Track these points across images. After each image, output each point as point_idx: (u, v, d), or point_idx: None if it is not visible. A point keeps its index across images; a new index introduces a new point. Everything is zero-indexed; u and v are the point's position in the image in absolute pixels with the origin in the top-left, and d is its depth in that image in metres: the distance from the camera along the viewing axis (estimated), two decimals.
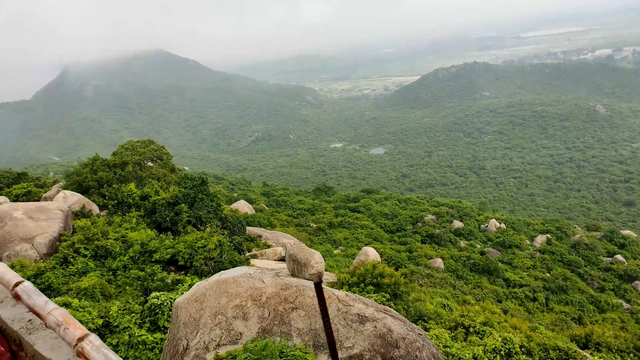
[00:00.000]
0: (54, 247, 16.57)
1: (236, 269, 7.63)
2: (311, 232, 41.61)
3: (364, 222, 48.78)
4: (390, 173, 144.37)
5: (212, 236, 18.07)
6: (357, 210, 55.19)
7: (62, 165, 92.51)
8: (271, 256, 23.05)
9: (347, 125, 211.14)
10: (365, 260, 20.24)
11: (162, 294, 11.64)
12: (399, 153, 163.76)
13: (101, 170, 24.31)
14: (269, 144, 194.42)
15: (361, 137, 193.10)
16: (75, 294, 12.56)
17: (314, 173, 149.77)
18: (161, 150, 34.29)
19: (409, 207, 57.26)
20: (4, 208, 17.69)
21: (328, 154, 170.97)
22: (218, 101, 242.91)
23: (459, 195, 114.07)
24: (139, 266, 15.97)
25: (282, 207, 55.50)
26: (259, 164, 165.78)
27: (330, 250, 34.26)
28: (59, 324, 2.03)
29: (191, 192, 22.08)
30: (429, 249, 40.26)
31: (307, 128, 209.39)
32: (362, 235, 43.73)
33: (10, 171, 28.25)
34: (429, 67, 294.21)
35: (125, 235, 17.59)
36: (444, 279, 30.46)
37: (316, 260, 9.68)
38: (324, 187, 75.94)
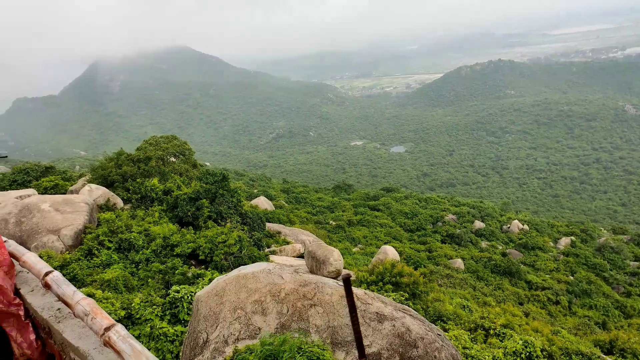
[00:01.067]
0: (79, 239, 17.01)
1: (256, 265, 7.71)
2: (330, 229, 41.66)
3: (383, 221, 48.57)
4: (410, 172, 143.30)
5: (232, 232, 18.27)
6: (377, 208, 54.99)
7: (88, 160, 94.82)
8: (290, 253, 23.17)
9: (367, 123, 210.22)
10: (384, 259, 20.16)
11: (182, 288, 11.83)
12: (420, 151, 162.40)
13: (125, 164, 24.81)
14: (290, 141, 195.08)
15: (382, 135, 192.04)
16: (99, 285, 12.88)
17: (333, 170, 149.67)
18: (184, 146, 34.79)
19: (429, 207, 56.81)
20: (32, 200, 18.23)
21: (348, 151, 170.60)
22: (240, 98, 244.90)
23: (481, 195, 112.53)
24: (160, 259, 16.26)
25: (301, 204, 55.71)
26: (279, 161, 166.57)
27: (349, 248, 34.24)
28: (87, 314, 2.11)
29: (212, 188, 22.35)
30: (449, 249, 39.88)
31: (328, 125, 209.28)
32: (381, 234, 43.58)
33: (39, 164, 29.06)
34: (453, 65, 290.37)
35: (148, 229, 17.93)
36: (464, 280, 30.11)
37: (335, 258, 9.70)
38: (344, 185, 75.85)
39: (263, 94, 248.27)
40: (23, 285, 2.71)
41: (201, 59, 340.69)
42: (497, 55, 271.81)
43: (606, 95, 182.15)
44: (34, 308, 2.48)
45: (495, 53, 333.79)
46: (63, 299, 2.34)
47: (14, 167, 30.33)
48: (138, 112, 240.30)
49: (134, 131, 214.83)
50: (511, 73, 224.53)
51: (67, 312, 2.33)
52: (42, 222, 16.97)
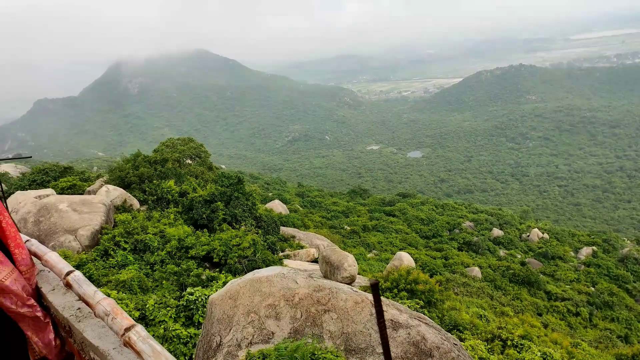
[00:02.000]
0: (95, 239, 17.32)
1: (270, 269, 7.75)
2: (345, 234, 41.60)
3: (398, 227, 48.34)
4: (427, 177, 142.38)
5: (247, 235, 18.39)
6: (392, 214, 54.77)
7: (105, 161, 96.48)
8: (304, 257, 23.19)
9: (384, 127, 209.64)
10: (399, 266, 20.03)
11: (197, 290, 11.96)
12: (437, 157, 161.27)
13: (142, 166, 25.20)
14: (305, 145, 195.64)
15: (399, 139, 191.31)
16: (114, 285, 13.09)
17: (349, 175, 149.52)
18: (200, 148, 35.21)
19: (446, 213, 56.36)
20: (50, 200, 18.64)
21: (364, 156, 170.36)
22: (256, 101, 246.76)
23: (500, 203, 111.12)
24: (175, 261, 16.46)
25: (316, 209, 55.74)
26: (295, 165, 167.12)
27: (363, 254, 34.13)
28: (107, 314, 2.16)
29: (227, 191, 22.54)
30: (465, 257, 39.48)
31: (344, 129, 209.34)
32: (396, 240, 43.35)
33: (57, 165, 29.72)
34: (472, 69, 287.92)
35: (163, 231, 18.17)
36: (481, 289, 29.74)
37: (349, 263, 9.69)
38: (359, 190, 75.67)
39: (280, 97, 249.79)
40: (44, 284, 2.79)
41: (220, 62, 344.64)
42: (518, 60, 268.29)
43: (631, 102, 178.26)
44: (54, 307, 2.54)
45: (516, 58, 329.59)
46: (84, 298, 2.40)
47: (33, 167, 31.09)
48: (156, 114, 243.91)
49: (151, 133, 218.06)
50: (532, 78, 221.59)
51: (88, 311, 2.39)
52: (60, 222, 17.33)
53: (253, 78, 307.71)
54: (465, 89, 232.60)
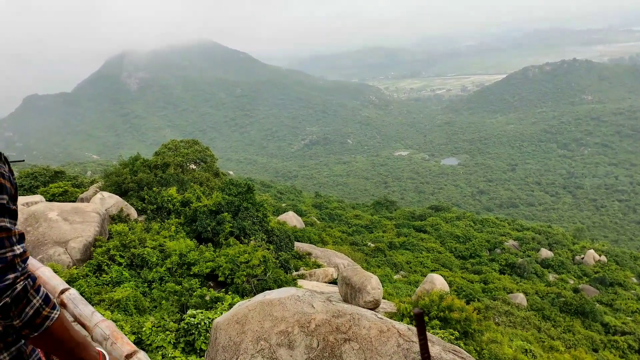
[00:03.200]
0: (88, 252, 17.62)
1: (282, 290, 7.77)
2: (368, 252, 41.51)
3: (430, 245, 48.09)
4: (464, 188, 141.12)
5: (257, 251, 18.47)
6: (423, 230, 54.63)
7: (100, 164, 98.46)
8: (321, 277, 23.17)
9: (415, 130, 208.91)
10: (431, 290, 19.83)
11: (199, 312, 12.04)
12: (476, 165, 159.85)
13: (141, 171, 25.62)
14: (324, 149, 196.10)
15: (431, 144, 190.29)
16: (107, 305, 13.29)
17: (374, 184, 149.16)
18: (205, 151, 35.65)
19: (485, 230, 55.88)
20: (39, 208, 19.07)
21: (392, 162, 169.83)
22: (269, 99, 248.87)
23: (549, 219, 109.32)
24: (176, 279, 16.62)
25: (335, 222, 55.82)
26: (312, 171, 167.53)
27: (389, 275, 33.96)
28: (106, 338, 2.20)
29: (235, 200, 22.72)
30: (508, 281, 38.97)
31: (369, 132, 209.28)
32: (427, 260, 43.13)
33: (48, 169, 30.44)
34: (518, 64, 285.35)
35: (163, 244, 18.38)
36: (526, 319, 29.24)
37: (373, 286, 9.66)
38: (385, 201, 75.50)
39: (296, 95, 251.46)
40: None
41: (228, 55, 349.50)
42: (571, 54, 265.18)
43: None
44: None
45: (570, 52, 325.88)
46: (80, 319, 2.44)
47: (21, 171, 31.88)
48: (157, 113, 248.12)
49: (151, 134, 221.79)
50: (588, 75, 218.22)
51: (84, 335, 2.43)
52: (49, 233, 17.70)
53: (266, 73, 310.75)
54: (510, 87, 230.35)
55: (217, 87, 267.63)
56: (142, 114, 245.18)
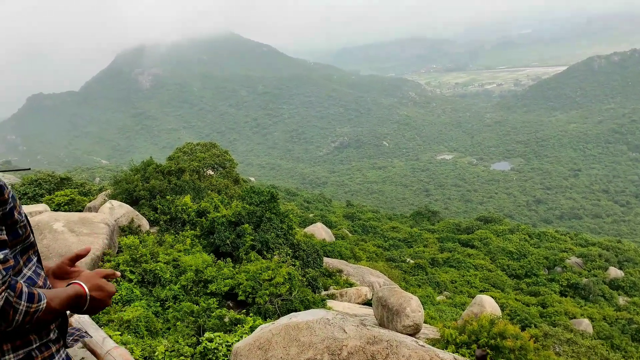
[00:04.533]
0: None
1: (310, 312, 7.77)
2: (407, 269, 41.28)
3: (479, 261, 47.58)
4: (518, 197, 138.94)
5: (281, 267, 18.53)
6: (471, 244, 54.17)
7: (110, 170, 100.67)
8: (354, 298, 23.08)
9: (460, 130, 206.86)
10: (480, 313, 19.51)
11: (217, 336, 12.14)
12: (532, 170, 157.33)
13: (154, 177, 26.07)
14: (357, 152, 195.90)
15: (479, 146, 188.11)
16: (117, 326, 13.52)
17: (413, 192, 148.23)
18: (224, 155, 36.10)
19: (543, 245, 55.03)
20: (43, 218, 19.61)
21: (434, 167, 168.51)
22: (295, 96, 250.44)
23: (619, 233, 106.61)
24: (191, 298, 16.81)
25: (370, 235, 55.70)
26: (343, 178, 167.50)
27: (431, 296, 33.67)
28: None
29: (257, 210, 22.87)
30: (570, 305, 38.15)
31: (408, 133, 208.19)
32: (475, 279, 42.69)
33: (53, 175, 31.31)
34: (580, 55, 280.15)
35: (177, 259, 18.64)
36: (592, 349, 28.50)
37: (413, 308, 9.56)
38: (427, 212, 75.00)
39: (325, 92, 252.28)
40: None
41: (250, 48, 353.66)
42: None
43: None
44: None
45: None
46: (90, 346, 2.47)
47: (24, 178, 32.90)
48: (171, 113, 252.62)
49: (165, 136, 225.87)
50: None
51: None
52: (54, 245, 18.16)
53: (292, 68, 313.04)
54: (571, 81, 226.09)
55: (238, 84, 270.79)
56: (155, 114, 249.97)
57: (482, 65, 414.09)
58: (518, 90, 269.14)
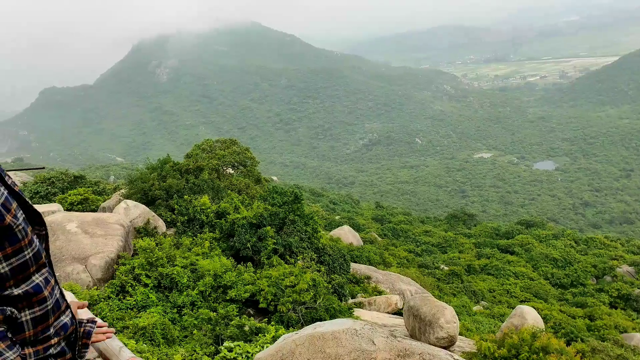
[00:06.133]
0: (110, 271, 18.30)
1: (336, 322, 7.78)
2: (441, 277, 40.99)
3: (519, 269, 47.02)
4: (563, 199, 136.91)
5: (305, 273, 18.55)
6: (511, 250, 53.61)
7: (125, 168, 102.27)
8: (383, 307, 23.01)
9: (500, 126, 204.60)
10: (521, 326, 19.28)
11: (236, 345, 12.23)
12: (579, 170, 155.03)
13: (171, 176, 26.35)
14: (387, 150, 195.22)
15: (521, 144, 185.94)
16: (132, 333, 13.72)
17: (448, 193, 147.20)
18: (245, 153, 36.28)
19: (591, 252, 54.17)
20: (56, 218, 19.99)
21: (471, 166, 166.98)
22: (321, 90, 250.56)
23: None
24: (210, 305, 16.95)
25: (400, 239, 55.49)
26: (372, 177, 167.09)
27: (467, 306, 33.36)
28: None
29: (280, 212, 22.95)
30: (622, 318, 37.41)
31: (442, 129, 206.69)
32: (516, 288, 42.20)
33: (67, 173, 31.92)
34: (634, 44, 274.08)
35: (195, 263, 18.81)
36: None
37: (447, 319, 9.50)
38: (463, 215, 74.45)
39: (353, 85, 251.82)
40: None
41: (273, 38, 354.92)
42: None
43: None
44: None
45: None
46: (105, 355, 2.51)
47: (36, 176, 33.63)
48: (189, 108, 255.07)
49: (183, 132, 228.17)
50: None
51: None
52: (67, 247, 18.50)
53: (318, 59, 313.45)
54: (624, 72, 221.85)
55: (260, 77, 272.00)
56: (172, 108, 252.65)
57: (524, 55, 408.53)
58: (564, 83, 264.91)
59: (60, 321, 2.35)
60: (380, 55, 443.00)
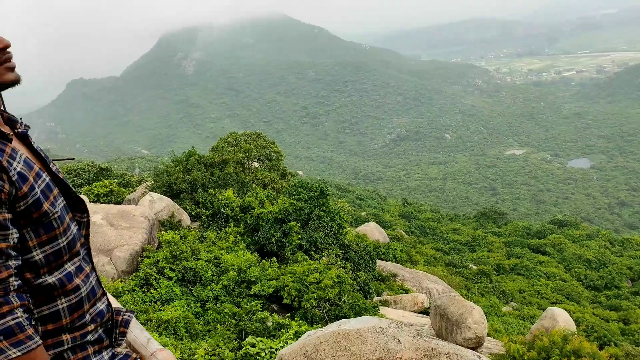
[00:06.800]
0: (134, 263, 18.59)
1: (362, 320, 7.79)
2: (469, 276, 40.74)
3: (551, 270, 46.46)
4: (599, 198, 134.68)
5: (330, 269, 18.60)
6: (542, 250, 53.10)
7: (150, 160, 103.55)
8: (409, 305, 22.96)
9: (534, 122, 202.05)
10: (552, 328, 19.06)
11: (260, 341, 12.32)
12: (615, 168, 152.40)
13: (196, 169, 26.64)
14: (415, 146, 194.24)
15: (555, 141, 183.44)
16: (155, 326, 13.92)
17: (478, 190, 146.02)
18: (270, 147, 36.45)
19: (627, 254, 53.31)
20: None
21: (502, 163, 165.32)
22: (348, 83, 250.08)
23: None
24: (233, 299, 17.12)
25: (428, 237, 55.31)
26: (399, 173, 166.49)
27: (496, 306, 33.08)
28: None
29: (305, 207, 23.02)
30: None
31: (473, 125, 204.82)
32: (547, 289, 41.69)
33: (92, 164, 32.52)
34: None
35: (219, 257, 19.01)
36: None
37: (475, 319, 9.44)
38: (492, 213, 73.85)
39: (381, 78, 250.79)
40: None
41: (300, 30, 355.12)
42: None
43: None
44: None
45: None
46: (134, 347, 2.55)
47: (62, 167, 34.28)
48: (215, 100, 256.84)
49: (208, 125, 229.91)
50: None
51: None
52: (92, 239, 18.78)
53: (345, 52, 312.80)
54: None
55: (286, 70, 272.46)
56: (198, 101, 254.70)
57: (560, 49, 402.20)
58: (601, 78, 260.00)
59: (96, 308, 2.38)
60: (410, 48, 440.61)
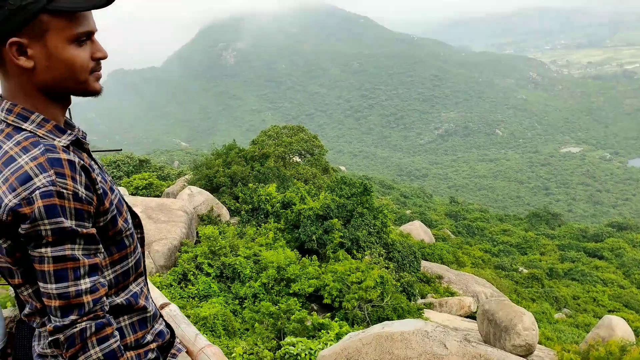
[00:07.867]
0: (172, 258, 18.93)
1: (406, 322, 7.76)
2: (519, 280, 40.17)
3: (608, 275, 45.46)
4: None
5: (372, 269, 18.57)
6: (599, 254, 52.15)
7: (189, 153, 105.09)
8: (455, 309, 22.75)
9: (592, 118, 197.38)
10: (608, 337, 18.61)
11: (299, 341, 12.39)
12: None
13: (236, 163, 26.91)
14: (464, 141, 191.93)
15: (615, 138, 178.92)
16: (192, 322, 14.13)
17: (530, 190, 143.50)
18: (312, 141, 36.56)
19: None
20: None
21: (556, 161, 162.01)
22: (395, 75, 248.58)
23: None
24: (272, 298, 17.25)
25: (476, 238, 54.90)
26: (446, 170, 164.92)
27: (548, 313, 32.51)
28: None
29: (348, 204, 23.01)
30: None
31: (526, 120, 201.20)
32: (603, 296, 40.75)
33: (132, 157, 33.24)
34: None
35: (258, 254, 19.17)
36: None
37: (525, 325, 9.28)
38: (546, 214, 72.53)
39: (429, 71, 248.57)
40: None
41: (345, 20, 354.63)
42: None
43: None
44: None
45: None
46: (182, 341, 2.60)
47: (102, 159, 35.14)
48: (256, 92, 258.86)
49: (248, 118, 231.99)
50: None
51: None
52: None
53: (392, 43, 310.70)
54: None
55: (330, 61, 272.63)
56: (238, 93, 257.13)
57: (623, 40, 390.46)
58: None
59: (155, 329, 2.33)
60: (460, 39, 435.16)
